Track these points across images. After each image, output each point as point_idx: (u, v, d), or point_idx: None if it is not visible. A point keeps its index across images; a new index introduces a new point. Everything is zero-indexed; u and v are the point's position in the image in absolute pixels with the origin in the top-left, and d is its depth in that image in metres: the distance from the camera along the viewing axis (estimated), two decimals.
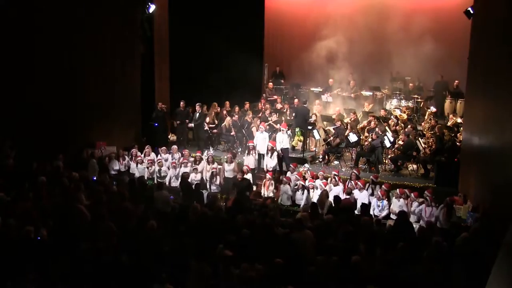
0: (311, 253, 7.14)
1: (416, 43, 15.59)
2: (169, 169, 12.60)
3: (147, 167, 12.66)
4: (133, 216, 8.34)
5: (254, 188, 12.03)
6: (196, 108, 14.85)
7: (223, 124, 14.76)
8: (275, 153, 12.64)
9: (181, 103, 15.19)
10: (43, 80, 12.07)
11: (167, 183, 12.11)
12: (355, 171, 11.56)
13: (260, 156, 13.01)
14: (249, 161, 12.72)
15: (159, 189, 10.43)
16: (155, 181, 12.29)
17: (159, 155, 13.09)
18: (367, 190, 11.01)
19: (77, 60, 12.81)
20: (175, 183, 12.18)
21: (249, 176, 11.87)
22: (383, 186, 11.06)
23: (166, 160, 12.94)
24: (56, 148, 11.75)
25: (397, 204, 10.47)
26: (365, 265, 6.61)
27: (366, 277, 6.43)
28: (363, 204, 10.14)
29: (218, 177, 12.05)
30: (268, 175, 11.94)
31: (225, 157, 12.85)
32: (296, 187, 11.38)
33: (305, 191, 11.22)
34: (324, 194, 10.61)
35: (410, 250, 7.17)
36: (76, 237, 7.16)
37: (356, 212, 10.14)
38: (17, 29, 11.47)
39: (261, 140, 13.02)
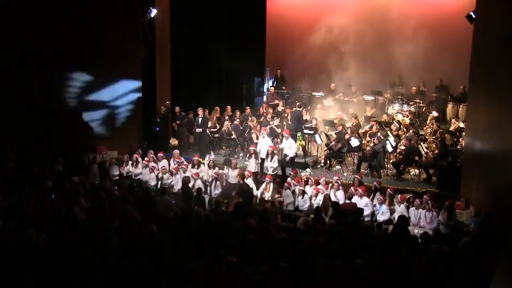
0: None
1: (418, 47, 15.64)
2: (172, 175, 12.64)
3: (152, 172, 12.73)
4: (134, 221, 8.38)
5: (257, 193, 12.07)
6: (198, 113, 14.83)
7: (223, 129, 14.82)
8: (275, 157, 12.68)
9: (176, 108, 15.16)
10: (44, 84, 12.15)
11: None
12: (357, 177, 11.60)
13: (262, 161, 13.04)
14: (251, 165, 12.77)
15: (161, 194, 10.48)
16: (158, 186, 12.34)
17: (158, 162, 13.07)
18: (370, 197, 11.03)
19: (78, 63, 12.87)
20: (177, 188, 12.22)
21: (249, 180, 11.91)
22: (388, 189, 11.07)
23: (163, 167, 12.88)
24: (56, 152, 11.80)
25: (398, 210, 10.51)
26: (367, 269, 6.65)
27: (368, 281, 6.46)
28: (359, 209, 10.18)
29: (219, 182, 12.09)
30: (267, 178, 11.97)
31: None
32: (296, 192, 11.40)
33: (305, 195, 11.25)
34: (327, 198, 10.64)
35: (411, 255, 7.21)
36: (77, 242, 7.19)
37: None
38: (16, 30, 11.55)
39: (264, 144, 13.05)
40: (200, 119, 14.65)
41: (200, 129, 14.60)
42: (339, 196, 11.09)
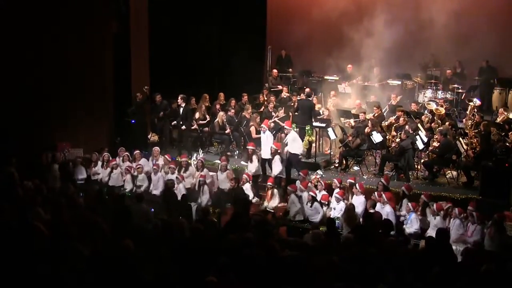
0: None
1: (456, 20, 15.54)
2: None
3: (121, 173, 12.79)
4: (104, 235, 8.32)
5: (255, 200, 12.02)
6: (179, 102, 14.78)
7: (215, 121, 14.77)
8: (280, 156, 12.63)
9: (157, 96, 15.22)
10: None
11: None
12: (383, 181, 11.54)
13: (264, 162, 13.04)
14: (250, 168, 12.71)
15: (138, 201, 10.46)
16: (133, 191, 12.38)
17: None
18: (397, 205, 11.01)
19: (33, 42, 12.77)
20: (156, 191, 12.34)
21: (247, 186, 11.93)
22: (422, 196, 11.02)
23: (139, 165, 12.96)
24: (8, 152, 11.73)
25: (433, 223, 10.46)
26: None
27: None
28: (386, 221, 10.12)
29: (206, 186, 12.04)
30: (269, 183, 11.91)
31: (218, 162, 12.83)
32: (307, 200, 11.36)
33: (317, 204, 11.20)
34: (351, 209, 10.61)
35: (449, 277, 7.13)
36: (33, 260, 7.12)
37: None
38: None
39: (264, 141, 13.01)
40: (181, 110, 14.63)
41: (179, 123, 14.65)
42: (359, 203, 11.07)
